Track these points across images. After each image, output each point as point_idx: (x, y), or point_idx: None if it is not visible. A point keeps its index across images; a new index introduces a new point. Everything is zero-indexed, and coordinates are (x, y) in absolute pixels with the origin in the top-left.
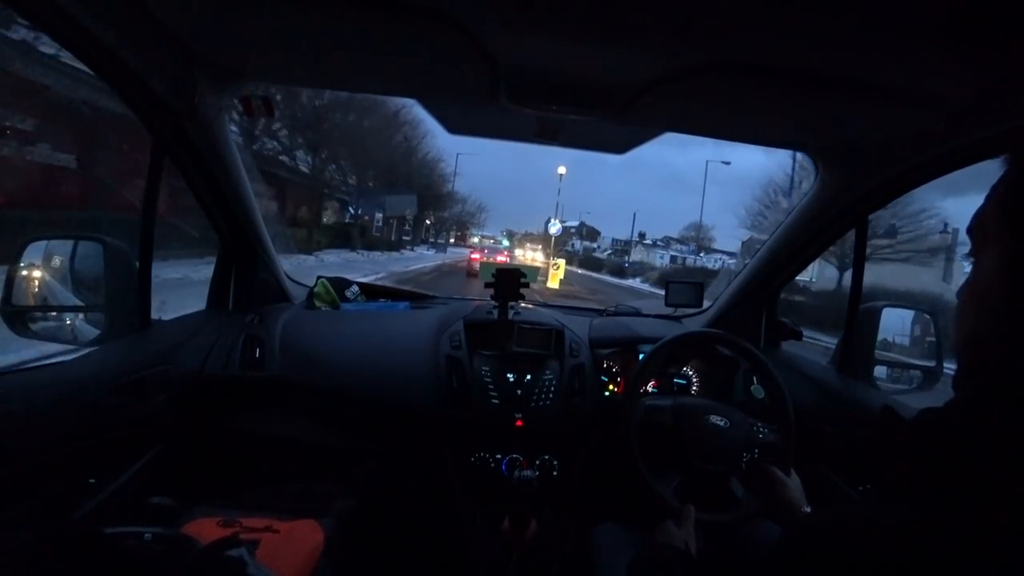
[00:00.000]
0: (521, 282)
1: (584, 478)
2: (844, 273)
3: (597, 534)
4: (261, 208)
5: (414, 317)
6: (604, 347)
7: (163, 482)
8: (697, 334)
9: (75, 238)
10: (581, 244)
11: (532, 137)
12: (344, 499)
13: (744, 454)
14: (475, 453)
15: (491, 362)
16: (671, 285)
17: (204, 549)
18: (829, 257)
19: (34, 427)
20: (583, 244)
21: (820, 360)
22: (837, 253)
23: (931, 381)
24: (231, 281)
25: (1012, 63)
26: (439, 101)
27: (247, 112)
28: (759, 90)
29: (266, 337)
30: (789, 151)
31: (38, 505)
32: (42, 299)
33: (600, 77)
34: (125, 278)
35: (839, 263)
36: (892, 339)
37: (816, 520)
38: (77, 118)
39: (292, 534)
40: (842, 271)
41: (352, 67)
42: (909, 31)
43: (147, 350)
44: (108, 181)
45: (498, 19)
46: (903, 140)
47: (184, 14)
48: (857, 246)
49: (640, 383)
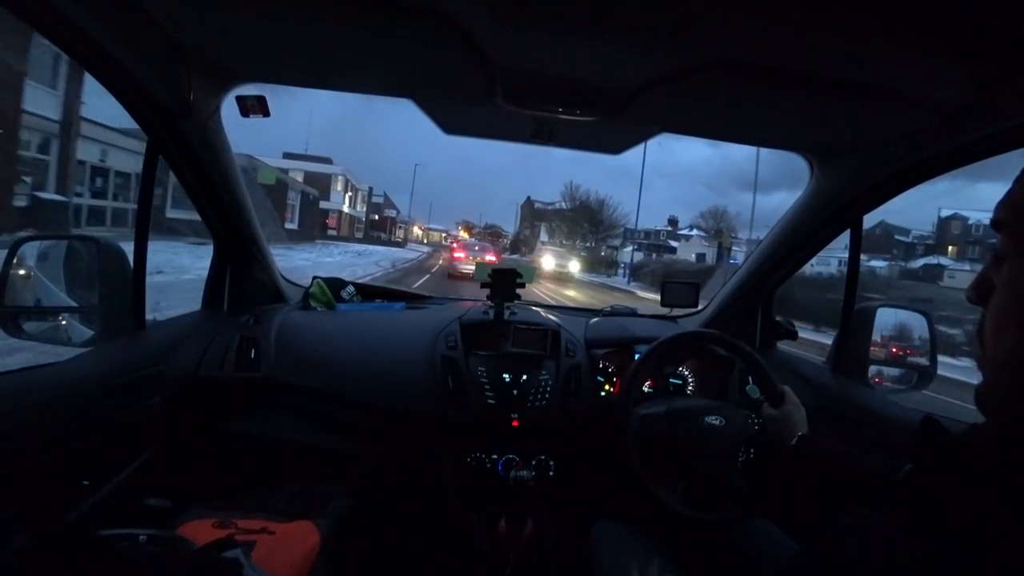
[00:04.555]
0: (517, 282)
1: (581, 478)
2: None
3: (596, 532)
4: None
5: (410, 318)
6: (600, 347)
7: (158, 484)
8: (692, 334)
9: (68, 238)
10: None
11: (528, 138)
12: (340, 500)
13: (741, 451)
14: (471, 454)
15: (487, 362)
16: (667, 285)
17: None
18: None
19: (28, 429)
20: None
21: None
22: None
23: (925, 380)
24: (226, 281)
25: (1006, 64)
26: (435, 102)
27: (242, 112)
28: (754, 91)
29: (261, 338)
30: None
31: (32, 508)
32: (35, 300)
33: (596, 77)
34: (119, 278)
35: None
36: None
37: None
38: None
39: (288, 535)
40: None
41: (347, 67)
42: (904, 32)
43: (142, 351)
44: None
45: (494, 19)
46: (898, 140)
47: (180, 14)
48: (852, 246)
49: (636, 383)
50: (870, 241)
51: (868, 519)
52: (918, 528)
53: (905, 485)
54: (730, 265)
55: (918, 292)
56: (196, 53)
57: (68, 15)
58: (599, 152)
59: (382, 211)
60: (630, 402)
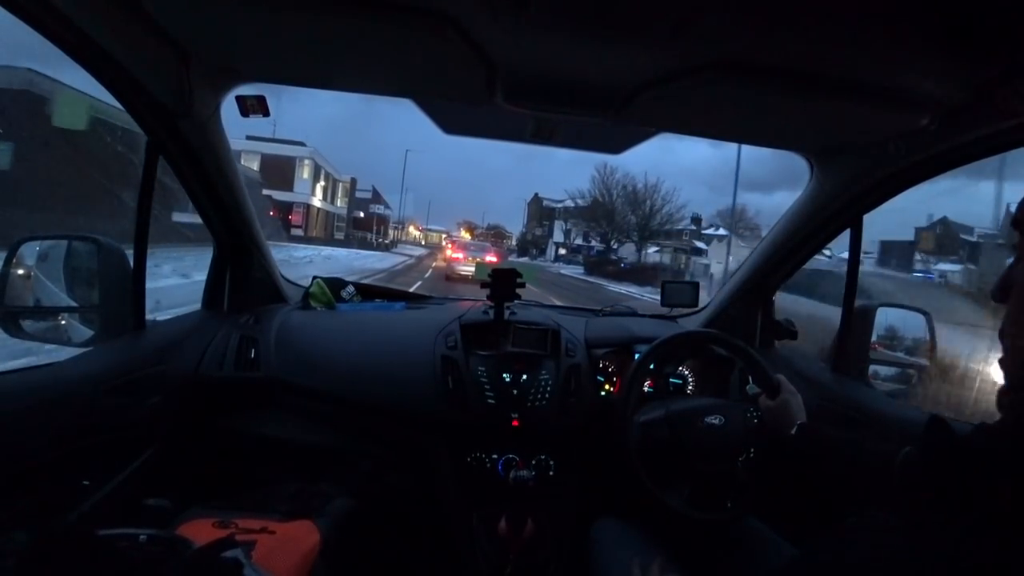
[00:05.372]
0: (517, 282)
1: (581, 478)
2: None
3: (596, 531)
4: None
5: (410, 317)
6: (600, 347)
7: (158, 484)
8: (692, 334)
9: (69, 238)
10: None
11: (528, 137)
12: (340, 500)
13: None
14: (471, 453)
15: (487, 362)
16: (667, 285)
17: (200, 550)
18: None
19: (28, 429)
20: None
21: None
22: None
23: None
24: (226, 281)
25: (1006, 63)
26: (435, 101)
27: (242, 112)
28: (754, 91)
29: (261, 338)
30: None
31: (32, 507)
32: (35, 300)
33: (596, 77)
34: (119, 278)
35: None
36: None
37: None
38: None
39: (288, 535)
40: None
41: (347, 67)
42: (904, 32)
43: (142, 351)
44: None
45: (495, 18)
46: (898, 140)
47: (179, 13)
48: (852, 246)
49: (636, 384)
50: (931, 241)
51: (874, 519)
52: (926, 526)
53: (909, 482)
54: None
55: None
56: (196, 53)
57: (68, 15)
58: (599, 152)
59: (367, 207)
60: (630, 403)
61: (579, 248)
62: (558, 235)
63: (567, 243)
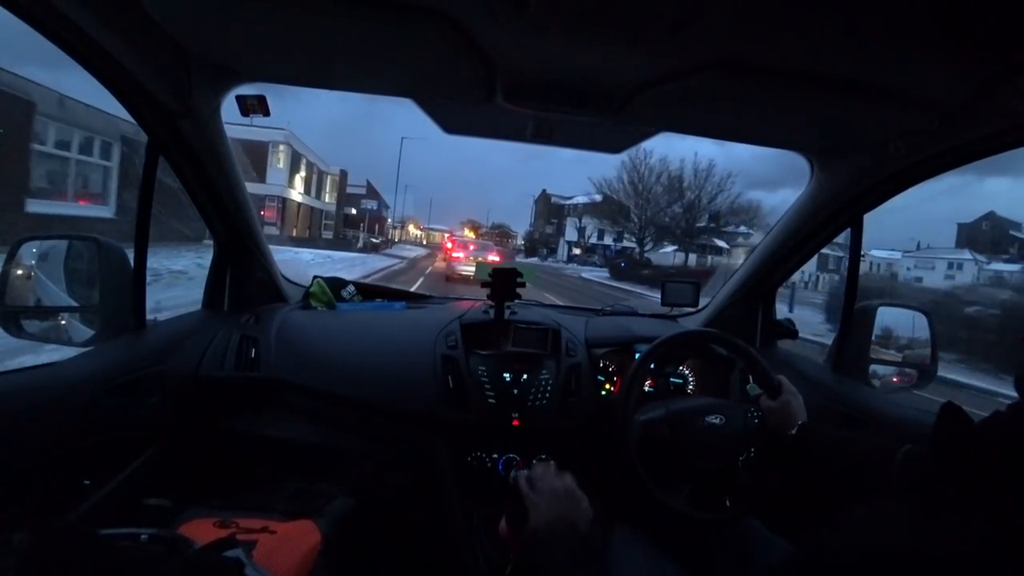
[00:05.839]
0: (517, 282)
1: (581, 478)
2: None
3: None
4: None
5: (410, 317)
6: (600, 347)
7: (159, 483)
8: (692, 333)
9: (69, 238)
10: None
11: (528, 137)
12: (341, 500)
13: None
14: (471, 453)
15: (487, 362)
16: (667, 285)
17: (200, 550)
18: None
19: (28, 429)
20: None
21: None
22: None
23: (926, 380)
24: (227, 281)
25: (1006, 64)
26: (435, 101)
27: (242, 112)
28: (755, 90)
29: (262, 337)
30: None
31: (33, 507)
32: (36, 300)
33: (596, 77)
34: (120, 278)
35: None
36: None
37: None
38: None
39: (289, 535)
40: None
41: (347, 67)
42: (904, 32)
43: (142, 350)
44: None
45: (494, 18)
46: (898, 140)
47: (180, 13)
48: (853, 246)
49: (636, 384)
50: (980, 238)
51: (880, 507)
52: (937, 514)
53: (916, 471)
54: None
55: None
56: (196, 53)
57: (68, 15)
58: (599, 151)
59: (360, 203)
60: (631, 403)
61: (594, 247)
62: (571, 233)
63: (581, 242)
